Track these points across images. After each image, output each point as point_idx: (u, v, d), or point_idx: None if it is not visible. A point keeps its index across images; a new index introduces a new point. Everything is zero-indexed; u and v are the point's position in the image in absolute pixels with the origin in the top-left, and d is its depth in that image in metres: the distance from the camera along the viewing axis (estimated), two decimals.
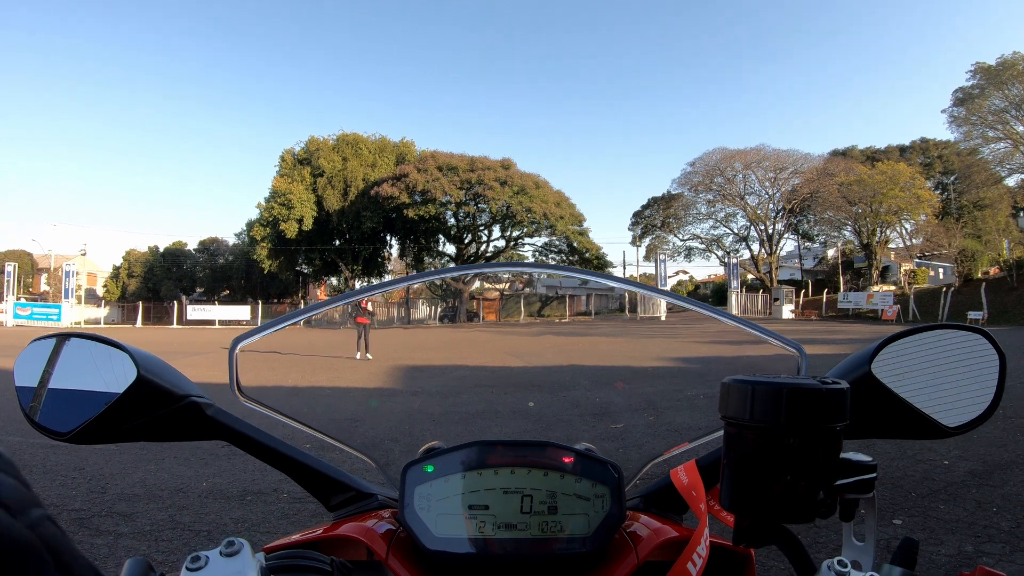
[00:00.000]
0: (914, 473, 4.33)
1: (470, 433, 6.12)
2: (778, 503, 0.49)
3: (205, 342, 22.12)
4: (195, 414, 0.73)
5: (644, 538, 0.73)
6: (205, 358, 15.10)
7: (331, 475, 0.82)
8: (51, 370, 0.70)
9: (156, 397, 0.69)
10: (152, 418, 0.70)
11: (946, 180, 47.19)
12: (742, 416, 0.49)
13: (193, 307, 44.00)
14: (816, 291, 46.59)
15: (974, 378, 0.64)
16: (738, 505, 0.51)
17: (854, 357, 0.68)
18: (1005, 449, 4.91)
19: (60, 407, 0.68)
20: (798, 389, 0.47)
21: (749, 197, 49.02)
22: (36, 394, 0.69)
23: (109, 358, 0.69)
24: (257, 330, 0.79)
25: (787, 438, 0.48)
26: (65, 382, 0.69)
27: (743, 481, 0.51)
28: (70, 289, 42.94)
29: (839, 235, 48.48)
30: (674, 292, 0.99)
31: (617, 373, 10.92)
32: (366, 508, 0.84)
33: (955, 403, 0.64)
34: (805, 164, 46.77)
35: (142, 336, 28.27)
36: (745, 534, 0.54)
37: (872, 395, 0.65)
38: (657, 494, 0.84)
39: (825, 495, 0.50)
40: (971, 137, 40.14)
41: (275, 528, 3.49)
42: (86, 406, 0.67)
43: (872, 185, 39.38)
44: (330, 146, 44.00)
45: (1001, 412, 6.10)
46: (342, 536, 0.71)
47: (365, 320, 14.03)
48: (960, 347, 0.65)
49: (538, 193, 40.73)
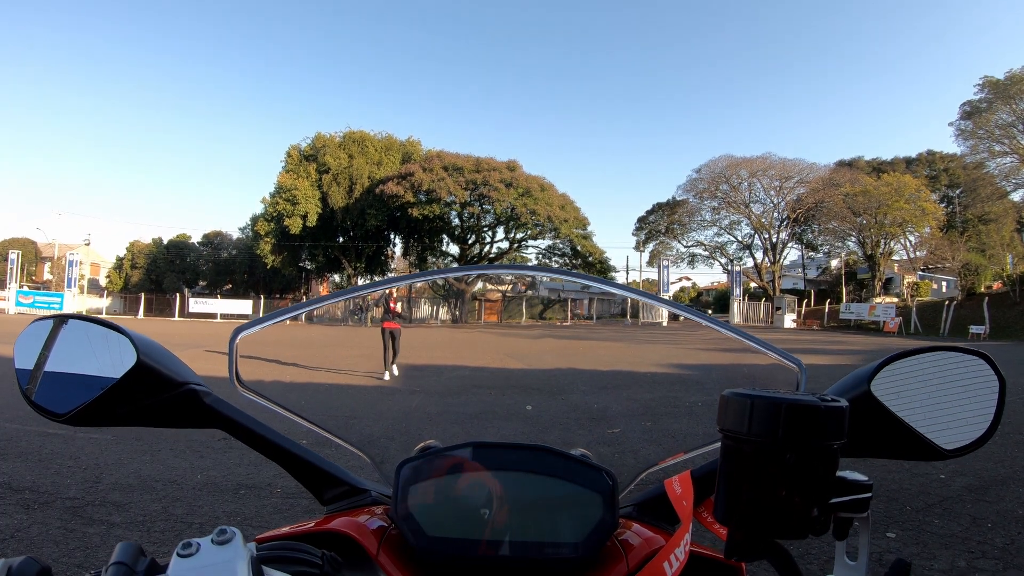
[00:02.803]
0: (910, 486, 4.32)
1: (467, 434, 6.12)
2: (772, 518, 0.48)
3: (208, 335, 22.16)
4: (193, 402, 0.72)
5: (635, 547, 0.73)
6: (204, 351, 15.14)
7: (325, 469, 0.82)
8: (49, 351, 0.70)
9: (154, 383, 0.69)
10: (150, 403, 0.70)
11: (951, 193, 47.09)
12: (740, 429, 0.49)
13: (195, 300, 44.08)
14: (818, 301, 46.55)
15: (973, 401, 0.64)
16: (731, 518, 0.51)
17: (854, 375, 0.68)
18: (1002, 465, 4.90)
19: (58, 388, 0.68)
20: (797, 405, 0.47)
21: (754, 205, 49.07)
22: (33, 375, 0.69)
23: (109, 341, 0.69)
24: (258, 321, 0.79)
25: (784, 453, 0.47)
26: (64, 364, 0.69)
27: (738, 494, 0.50)
28: (73, 279, 43.03)
29: (843, 246, 48.41)
30: (673, 301, 0.99)
31: (616, 378, 10.91)
32: (359, 503, 0.84)
33: (953, 426, 0.64)
34: (811, 174, 46.76)
35: (144, 327, 28.05)
36: (737, 547, 0.53)
37: (871, 414, 0.64)
38: (651, 503, 0.84)
39: (819, 512, 0.49)
40: (978, 151, 40.10)
41: (268, 523, 3.49)
42: (84, 388, 0.67)
43: (877, 196, 39.32)
44: (336, 143, 44.03)
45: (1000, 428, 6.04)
46: (334, 530, 0.71)
47: (395, 325, 10.91)
48: (961, 369, 0.65)
49: (543, 195, 40.72)
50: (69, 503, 3.70)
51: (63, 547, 3.08)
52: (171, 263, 51.56)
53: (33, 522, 3.40)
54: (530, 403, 8.02)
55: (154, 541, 3.19)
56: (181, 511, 3.63)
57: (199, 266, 52.80)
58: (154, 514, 3.57)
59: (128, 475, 4.25)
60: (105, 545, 3.12)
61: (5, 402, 6.72)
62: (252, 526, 3.44)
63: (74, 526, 3.36)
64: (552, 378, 11.09)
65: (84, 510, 3.60)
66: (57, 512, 3.55)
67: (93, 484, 4.04)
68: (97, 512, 3.57)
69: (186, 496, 3.89)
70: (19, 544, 3.09)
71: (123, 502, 3.74)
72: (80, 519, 3.47)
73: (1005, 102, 36.63)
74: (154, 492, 3.92)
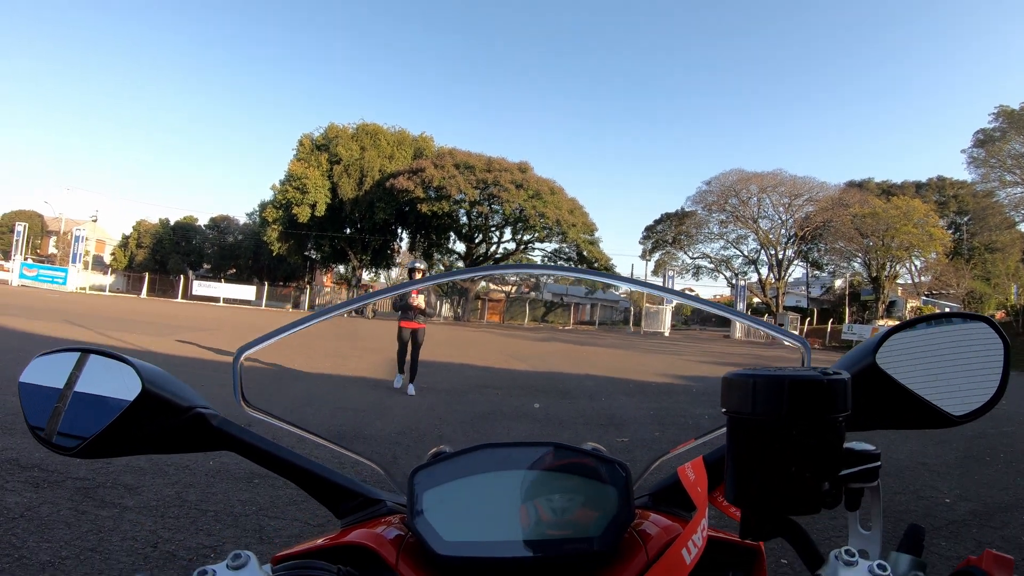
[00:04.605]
0: (916, 508, 4.31)
1: (477, 433, 6.10)
2: (783, 495, 0.49)
3: (211, 319, 22.15)
4: (201, 425, 0.72)
5: (653, 536, 0.73)
6: (210, 335, 15.12)
7: (339, 482, 0.82)
8: (55, 386, 0.70)
9: (161, 409, 0.69)
10: (157, 430, 0.70)
11: (960, 220, 47.06)
12: (744, 409, 0.49)
13: (199, 283, 44.17)
14: (821, 320, 46.42)
15: (979, 366, 0.64)
16: (743, 499, 0.51)
17: (858, 348, 0.68)
18: (1007, 492, 4.87)
19: (65, 423, 0.68)
20: (799, 380, 0.47)
21: (762, 221, 48.98)
22: (43, 411, 0.69)
23: (112, 372, 0.69)
24: (262, 339, 0.78)
25: (790, 430, 0.47)
26: (69, 398, 0.69)
27: (747, 475, 0.50)
28: (78, 254, 43.11)
29: (848, 266, 48.37)
30: (682, 292, 1.01)
31: (620, 385, 10.84)
32: (375, 514, 0.83)
33: (960, 391, 0.64)
34: (821, 192, 46.67)
35: (146, 307, 28.28)
36: (752, 528, 0.53)
37: (877, 385, 0.64)
38: (665, 491, 0.84)
39: (830, 486, 0.49)
40: (988, 179, 40.14)
41: (282, 513, 3.45)
42: (90, 421, 0.67)
43: (886, 219, 39.24)
44: (349, 134, 44.09)
45: (1003, 456, 6.09)
46: (351, 543, 0.70)
47: (418, 324, 8.44)
48: (964, 335, 0.65)
49: (553, 199, 40.74)
50: (79, 483, 3.64)
51: (75, 529, 3.02)
52: (177, 244, 51.70)
53: (43, 501, 3.34)
54: (537, 403, 7.99)
55: (168, 528, 3.13)
56: (195, 497, 3.58)
57: (204, 249, 52.94)
58: (168, 499, 3.51)
59: (139, 457, 4.16)
60: (118, 529, 3.06)
61: (12, 375, 6.67)
62: (267, 516, 3.39)
63: (85, 508, 3.30)
64: (558, 381, 11.03)
65: (95, 492, 3.54)
66: (67, 492, 3.49)
67: (104, 465, 3.97)
68: (109, 494, 3.51)
69: (199, 482, 3.83)
70: (30, 524, 3.03)
71: (135, 485, 3.68)
72: (92, 501, 3.41)
73: (1019, 132, 36.68)
74: (167, 476, 3.86)
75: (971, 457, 6.00)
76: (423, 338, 8.44)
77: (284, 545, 3.19)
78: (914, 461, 5.62)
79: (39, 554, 2.73)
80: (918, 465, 5.48)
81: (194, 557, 2.87)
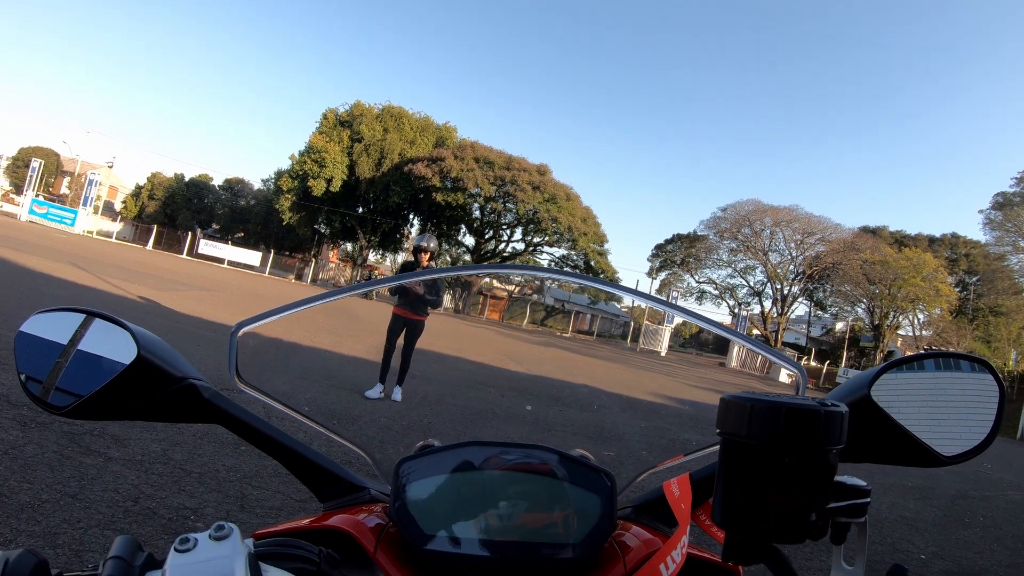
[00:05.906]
0: (890, 560, 4.27)
1: (467, 428, 6.10)
2: (770, 522, 0.48)
3: (214, 280, 22.18)
4: (192, 396, 0.72)
5: (633, 548, 0.73)
6: (212, 295, 15.14)
7: (324, 466, 0.82)
8: (50, 344, 0.70)
9: (154, 377, 0.69)
10: (148, 398, 0.70)
11: (968, 280, 46.89)
12: (739, 432, 0.49)
13: (206, 242, 44.18)
14: (818, 359, 46.36)
15: (973, 408, 0.64)
16: (730, 521, 0.50)
17: (854, 380, 0.68)
18: (982, 555, 4.87)
19: (66, 378, 0.68)
20: (797, 409, 0.46)
21: (772, 254, 48.79)
22: (41, 364, 0.69)
23: (109, 335, 0.69)
24: (263, 315, 0.78)
25: (783, 457, 0.47)
26: (63, 357, 0.70)
27: (736, 497, 0.50)
28: (90, 197, 43.21)
29: (852, 310, 48.19)
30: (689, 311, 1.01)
31: (614, 399, 10.84)
32: (358, 501, 0.83)
33: (952, 433, 0.64)
34: (834, 234, 46.52)
35: (151, 260, 28.34)
36: (735, 551, 0.53)
37: (870, 419, 0.64)
38: (649, 505, 0.84)
39: (817, 517, 0.48)
40: (1003, 242, 40.03)
41: (266, 484, 3.45)
42: (83, 382, 0.67)
43: (895, 268, 39.13)
44: (374, 114, 44.13)
45: (981, 519, 6.09)
46: (332, 527, 0.71)
47: (415, 315, 6.62)
48: (961, 376, 0.65)
49: (567, 205, 40.74)
50: (67, 428, 3.64)
51: (57, 473, 3.03)
52: (189, 201, 51.77)
53: (29, 441, 3.35)
54: (529, 404, 7.98)
55: (152, 484, 3.14)
56: (180, 456, 3.58)
57: (215, 209, 52.98)
58: (153, 455, 3.52)
59: None
60: (100, 479, 3.07)
61: (9, 310, 6.69)
62: (251, 485, 3.39)
63: (70, 453, 3.31)
64: (551, 387, 11.02)
65: (82, 438, 3.55)
66: (54, 436, 3.50)
67: None
68: (95, 443, 3.52)
69: (186, 442, 3.83)
70: (13, 463, 3.03)
71: (123, 437, 3.69)
72: (77, 447, 3.42)
73: None
74: (154, 432, 3.87)
75: (951, 517, 5.99)
76: (420, 334, 6.75)
77: (264, 515, 3.18)
78: (894, 513, 5.60)
79: (19, 495, 2.74)
80: (898, 518, 5.47)
81: (174, 517, 2.87)
